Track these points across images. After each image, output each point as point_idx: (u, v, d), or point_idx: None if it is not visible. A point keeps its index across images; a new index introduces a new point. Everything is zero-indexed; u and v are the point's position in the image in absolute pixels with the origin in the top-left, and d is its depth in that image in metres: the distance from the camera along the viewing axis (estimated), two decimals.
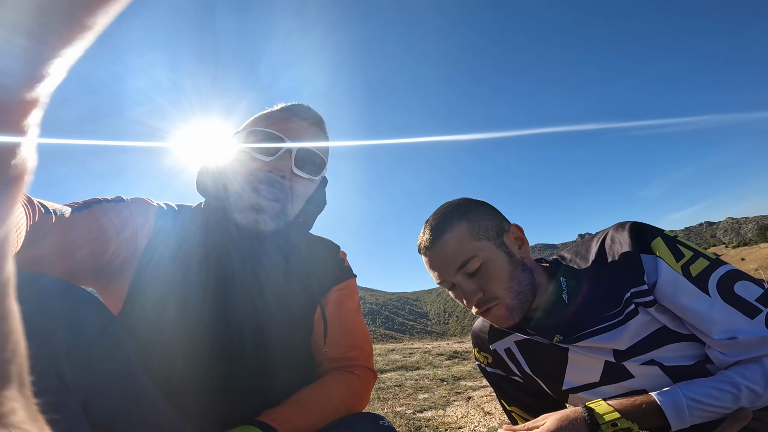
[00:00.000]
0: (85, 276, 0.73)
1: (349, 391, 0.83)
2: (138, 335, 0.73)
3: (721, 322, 0.78)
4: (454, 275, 0.91)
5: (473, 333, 1.16)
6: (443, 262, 0.91)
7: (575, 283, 0.94)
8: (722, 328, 0.78)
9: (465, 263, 0.89)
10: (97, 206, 0.73)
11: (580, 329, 0.91)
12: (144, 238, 0.80)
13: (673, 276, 0.83)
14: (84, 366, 0.54)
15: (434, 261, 0.93)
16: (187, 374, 0.76)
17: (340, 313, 0.92)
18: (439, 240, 0.92)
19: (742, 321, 0.78)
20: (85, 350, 0.55)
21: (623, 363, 0.89)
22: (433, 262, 0.93)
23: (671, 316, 0.85)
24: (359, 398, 0.86)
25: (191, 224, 0.87)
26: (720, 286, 0.81)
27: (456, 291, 0.94)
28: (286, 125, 0.84)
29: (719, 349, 0.80)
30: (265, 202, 0.82)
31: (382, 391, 2.64)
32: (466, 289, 0.90)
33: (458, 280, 0.91)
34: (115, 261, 0.75)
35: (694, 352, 0.85)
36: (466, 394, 2.33)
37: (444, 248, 0.92)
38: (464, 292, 0.90)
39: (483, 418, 1.71)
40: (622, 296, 0.87)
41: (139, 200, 0.83)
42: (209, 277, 0.81)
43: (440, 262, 0.92)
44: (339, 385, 0.83)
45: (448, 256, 0.91)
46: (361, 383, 0.87)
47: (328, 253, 1.00)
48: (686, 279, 0.82)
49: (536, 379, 1.03)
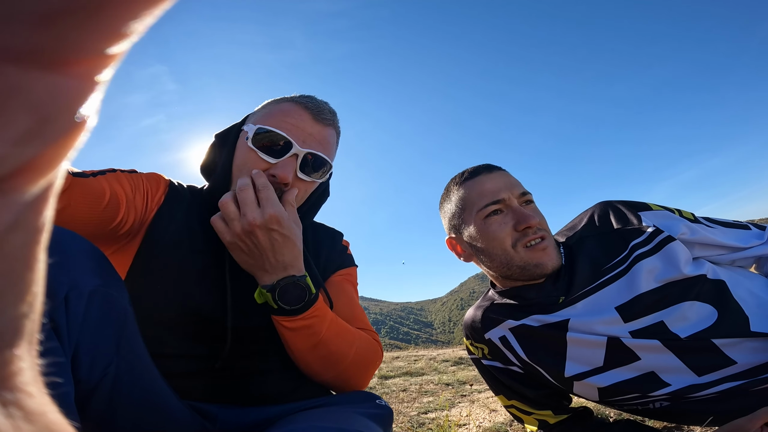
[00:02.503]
0: (93, 239, 0.73)
1: (363, 336, 0.85)
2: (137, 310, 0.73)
3: (735, 238, 0.94)
4: (515, 197, 0.96)
5: (465, 324, 1.13)
6: (507, 183, 0.98)
7: (569, 250, 0.98)
8: (738, 241, 0.94)
9: (526, 192, 0.97)
10: (111, 174, 0.75)
11: (581, 287, 0.92)
12: (152, 211, 0.81)
13: (681, 219, 0.94)
14: (80, 316, 0.52)
15: (498, 178, 0.98)
16: (179, 354, 0.75)
17: (344, 296, 0.92)
18: (501, 169, 1.01)
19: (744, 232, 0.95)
20: (82, 300, 0.53)
21: (626, 342, 0.88)
22: (497, 180, 0.98)
23: (671, 263, 0.89)
24: (374, 349, 0.86)
25: (198, 206, 0.87)
26: (709, 220, 0.97)
27: (504, 215, 0.96)
28: (297, 124, 0.82)
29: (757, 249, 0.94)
30: None
31: (385, 396, 2.61)
32: (526, 211, 0.94)
33: (515, 203, 0.95)
34: (123, 228, 0.75)
35: (698, 317, 0.85)
36: (471, 396, 2.30)
37: (508, 176, 1.00)
38: (525, 212, 0.94)
39: (488, 414, 1.68)
40: (620, 251, 0.92)
41: (153, 174, 0.86)
42: (210, 259, 0.81)
43: (505, 181, 0.98)
44: (357, 331, 0.86)
45: (512, 181, 0.99)
46: (373, 340, 0.88)
47: (331, 240, 1.00)
48: (693, 222, 0.94)
49: (536, 368, 1.00)
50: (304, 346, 0.76)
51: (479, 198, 0.96)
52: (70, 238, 0.56)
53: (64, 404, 0.45)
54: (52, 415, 0.13)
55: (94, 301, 0.54)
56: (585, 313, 0.92)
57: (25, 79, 0.10)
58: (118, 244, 0.79)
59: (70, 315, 0.51)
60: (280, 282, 0.74)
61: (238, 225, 0.72)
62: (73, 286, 0.52)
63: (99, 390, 0.55)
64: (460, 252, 1.07)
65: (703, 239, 0.91)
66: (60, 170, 0.12)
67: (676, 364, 0.84)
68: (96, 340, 0.54)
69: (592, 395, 0.97)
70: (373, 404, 0.76)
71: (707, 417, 0.84)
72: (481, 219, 0.95)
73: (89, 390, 0.54)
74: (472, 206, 0.97)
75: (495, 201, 0.94)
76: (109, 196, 0.70)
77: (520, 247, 0.92)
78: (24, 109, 0.10)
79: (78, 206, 0.65)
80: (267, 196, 0.74)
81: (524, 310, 0.99)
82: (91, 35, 0.10)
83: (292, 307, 0.74)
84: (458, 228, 1.03)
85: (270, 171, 0.80)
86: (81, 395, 0.53)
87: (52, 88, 0.10)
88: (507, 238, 0.93)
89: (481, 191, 0.96)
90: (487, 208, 0.94)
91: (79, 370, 0.52)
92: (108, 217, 0.71)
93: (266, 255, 0.73)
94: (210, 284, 0.80)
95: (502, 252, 0.94)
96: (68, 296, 0.51)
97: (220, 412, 0.74)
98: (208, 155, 0.91)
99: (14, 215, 0.11)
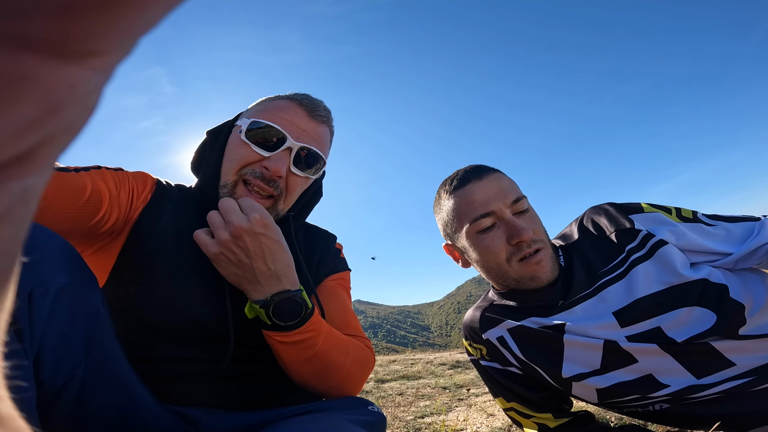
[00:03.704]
0: (70, 236, 0.68)
1: (358, 347, 0.81)
2: (121, 311, 0.69)
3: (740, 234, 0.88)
4: (506, 207, 0.89)
5: (464, 325, 1.11)
6: (498, 191, 0.90)
7: (566, 253, 0.96)
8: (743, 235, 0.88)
9: (519, 199, 0.90)
10: (96, 170, 0.71)
11: (579, 291, 0.90)
12: (138, 209, 0.78)
13: (676, 224, 0.90)
14: (44, 315, 0.48)
15: (486, 188, 0.91)
16: (168, 357, 0.72)
17: (337, 301, 0.88)
18: (492, 174, 0.93)
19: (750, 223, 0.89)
20: (48, 298, 0.49)
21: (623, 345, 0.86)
22: (484, 190, 0.90)
23: (667, 267, 0.86)
24: (366, 358, 0.82)
25: (187, 205, 0.84)
26: (711, 216, 0.92)
27: (497, 229, 0.90)
28: (291, 119, 0.81)
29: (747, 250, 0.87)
30: (255, 196, 0.80)
31: (382, 400, 2.57)
32: (519, 224, 0.88)
33: (507, 215, 0.89)
34: (105, 225, 0.72)
35: (696, 321, 0.83)
36: (468, 400, 2.27)
37: (499, 181, 0.92)
38: (518, 225, 0.88)
39: (486, 419, 1.65)
40: (616, 255, 0.89)
41: (140, 172, 0.83)
42: (199, 259, 0.78)
43: (494, 191, 0.90)
44: (349, 339, 0.82)
45: (503, 188, 0.91)
46: (367, 351, 0.84)
47: (324, 242, 0.97)
48: (688, 222, 0.90)
49: (535, 368, 0.98)
50: (298, 359, 0.73)
51: (470, 210, 0.92)
52: (39, 233, 0.53)
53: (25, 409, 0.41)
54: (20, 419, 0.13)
55: (61, 299, 0.51)
56: (582, 318, 0.90)
57: (39, 67, 0.10)
58: (100, 243, 0.76)
59: (34, 314, 0.47)
60: (274, 298, 0.70)
61: (224, 233, 0.69)
62: (38, 283, 0.49)
63: (65, 393, 0.51)
64: (458, 258, 1.04)
65: (689, 245, 0.88)
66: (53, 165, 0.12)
67: (674, 366, 0.83)
68: (62, 341, 0.51)
69: (591, 397, 0.95)
70: (366, 410, 0.73)
71: (709, 419, 0.82)
72: (474, 233, 0.92)
73: (54, 393, 0.50)
74: (463, 218, 0.94)
75: (486, 214, 0.90)
76: (90, 191, 0.67)
77: (515, 262, 0.90)
78: (34, 97, 0.10)
79: (53, 200, 0.62)
80: (249, 204, 0.72)
81: (523, 311, 0.98)
82: (108, 28, 0.10)
83: (287, 323, 0.70)
84: (452, 237, 1.01)
85: (263, 164, 0.79)
86: (45, 399, 0.49)
87: (65, 78, 0.10)
88: (501, 252, 0.90)
89: (471, 202, 0.92)
90: (478, 222, 0.91)
91: (43, 371, 0.49)
92: (87, 213, 0.68)
93: (257, 263, 0.70)
94: (198, 284, 0.77)
95: (496, 266, 0.92)
96: (32, 293, 0.48)
97: (204, 417, 0.70)
98: (199, 153, 0.90)
99: (5, 206, 0.11)
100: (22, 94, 0.10)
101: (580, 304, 0.91)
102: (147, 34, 0.11)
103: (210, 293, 0.77)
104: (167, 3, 0.11)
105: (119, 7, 0.10)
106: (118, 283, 0.75)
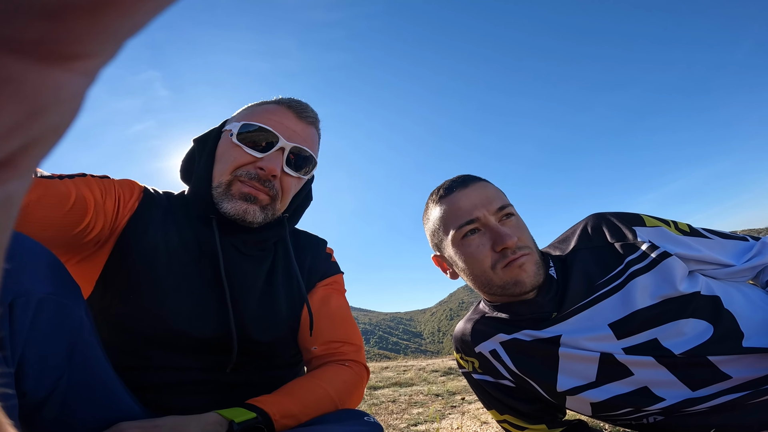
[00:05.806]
0: (53, 245, 0.67)
1: (341, 380, 0.79)
2: (110, 321, 0.68)
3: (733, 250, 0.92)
4: (491, 214, 0.90)
5: (455, 338, 1.09)
6: (483, 199, 0.91)
7: (562, 263, 0.95)
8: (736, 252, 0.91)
9: (504, 206, 0.91)
10: (80, 177, 0.70)
11: (574, 303, 0.90)
12: (125, 218, 0.76)
13: (678, 237, 0.91)
14: (26, 325, 0.47)
15: (471, 196, 0.92)
16: (160, 365, 0.71)
17: (328, 308, 0.88)
18: (477, 182, 0.94)
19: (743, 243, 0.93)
20: (30, 308, 0.48)
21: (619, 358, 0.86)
22: (469, 197, 0.91)
23: (666, 280, 0.86)
24: (352, 390, 0.80)
25: (175, 212, 0.84)
26: (706, 230, 0.95)
27: (482, 236, 0.90)
28: (281, 121, 0.82)
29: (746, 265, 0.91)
30: (255, 192, 0.81)
31: (374, 407, 2.55)
32: (503, 231, 0.88)
33: (492, 221, 0.90)
34: (90, 234, 0.70)
35: (693, 333, 0.83)
36: (462, 408, 2.26)
37: (485, 188, 0.93)
38: (502, 232, 0.88)
39: (479, 427, 1.64)
40: (615, 266, 0.89)
41: (126, 180, 0.82)
42: (190, 267, 0.77)
43: (479, 198, 0.91)
44: (330, 375, 0.78)
45: (489, 195, 0.92)
46: (353, 375, 0.82)
47: (315, 247, 0.97)
48: (687, 235, 0.92)
49: (528, 381, 0.97)
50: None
51: (454, 218, 0.92)
52: (21, 241, 0.51)
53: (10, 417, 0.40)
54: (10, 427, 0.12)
55: (43, 309, 0.49)
56: (577, 330, 0.90)
57: (23, 70, 0.10)
58: (86, 252, 0.74)
59: (15, 324, 0.46)
60: None
61: None
62: (19, 293, 0.47)
63: (49, 404, 0.50)
64: (446, 269, 1.04)
65: (697, 256, 0.89)
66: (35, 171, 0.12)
67: (669, 379, 0.83)
68: (44, 351, 0.49)
69: (584, 410, 0.95)
70: (361, 421, 0.72)
71: (703, 431, 0.82)
72: (459, 240, 0.92)
73: (37, 404, 0.49)
74: (448, 226, 0.94)
75: (470, 221, 0.90)
76: (74, 199, 0.65)
77: (499, 269, 0.89)
78: (16, 100, 0.10)
79: (37, 208, 0.60)
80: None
81: (515, 324, 0.97)
82: (93, 31, 0.10)
83: None
84: (439, 246, 1.01)
85: (257, 164, 0.80)
86: (27, 409, 0.48)
87: (49, 81, 0.10)
88: (486, 259, 0.90)
89: (455, 210, 0.92)
90: (463, 228, 0.91)
91: (25, 382, 0.47)
92: (72, 221, 0.66)
93: None
94: (187, 295, 0.76)
95: (481, 273, 0.92)
96: (13, 303, 0.46)
97: None
98: (188, 160, 0.90)
99: None
100: (4, 97, 0.09)
101: (574, 316, 0.90)
102: (132, 37, 0.11)
103: (200, 304, 0.76)
104: (152, 7, 0.10)
105: (104, 11, 0.10)
106: (104, 293, 0.73)
